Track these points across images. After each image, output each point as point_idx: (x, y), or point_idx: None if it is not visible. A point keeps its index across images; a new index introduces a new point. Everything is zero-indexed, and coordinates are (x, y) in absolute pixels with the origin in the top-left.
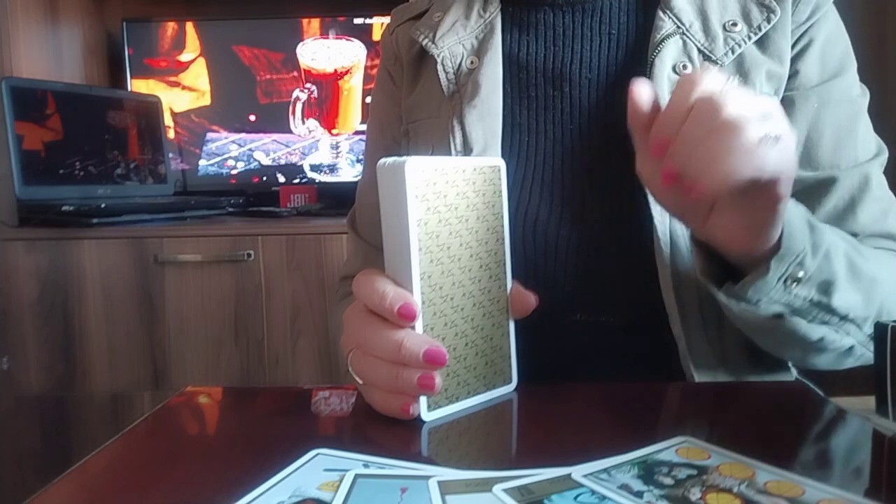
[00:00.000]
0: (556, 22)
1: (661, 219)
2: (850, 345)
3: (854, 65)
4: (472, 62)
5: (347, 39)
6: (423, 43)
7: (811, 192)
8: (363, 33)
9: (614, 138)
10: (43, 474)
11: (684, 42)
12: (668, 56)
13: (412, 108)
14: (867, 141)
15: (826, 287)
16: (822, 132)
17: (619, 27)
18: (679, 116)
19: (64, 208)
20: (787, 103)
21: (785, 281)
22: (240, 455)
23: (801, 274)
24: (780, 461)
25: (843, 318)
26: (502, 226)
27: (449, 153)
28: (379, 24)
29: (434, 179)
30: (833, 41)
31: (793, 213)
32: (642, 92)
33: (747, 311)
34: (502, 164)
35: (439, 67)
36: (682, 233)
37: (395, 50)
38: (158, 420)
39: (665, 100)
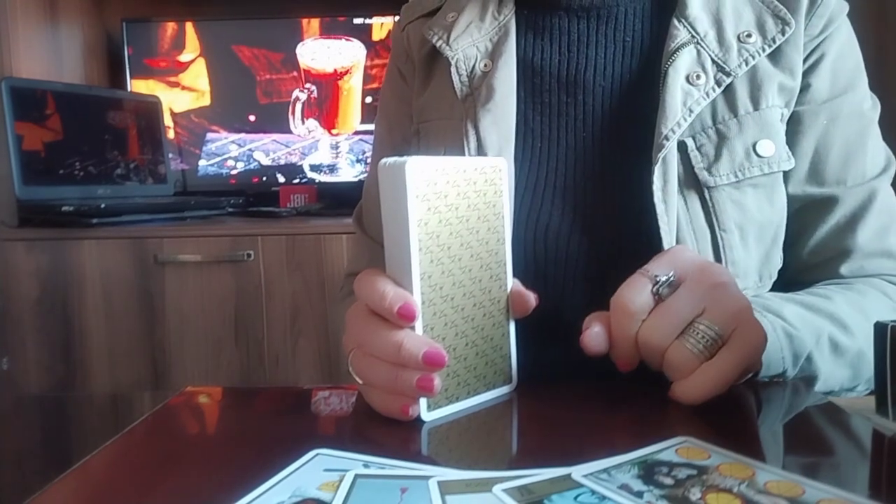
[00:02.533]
0: (571, 28)
1: (669, 229)
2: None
3: (865, 78)
4: (485, 65)
5: (347, 39)
6: (437, 44)
7: (815, 209)
8: (363, 33)
9: (626, 146)
10: (43, 474)
11: (698, 52)
12: (682, 65)
13: (423, 108)
14: (876, 155)
15: (810, 380)
16: (830, 148)
17: (633, 35)
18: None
19: (64, 208)
20: (797, 118)
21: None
22: (240, 455)
23: (782, 379)
24: (780, 461)
25: (830, 392)
26: (503, 226)
27: (462, 155)
28: (379, 24)
29: (435, 179)
30: (845, 56)
31: (770, 336)
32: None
33: None
34: (503, 163)
35: (453, 70)
36: (691, 243)
37: (405, 47)
38: (158, 420)
39: (675, 104)
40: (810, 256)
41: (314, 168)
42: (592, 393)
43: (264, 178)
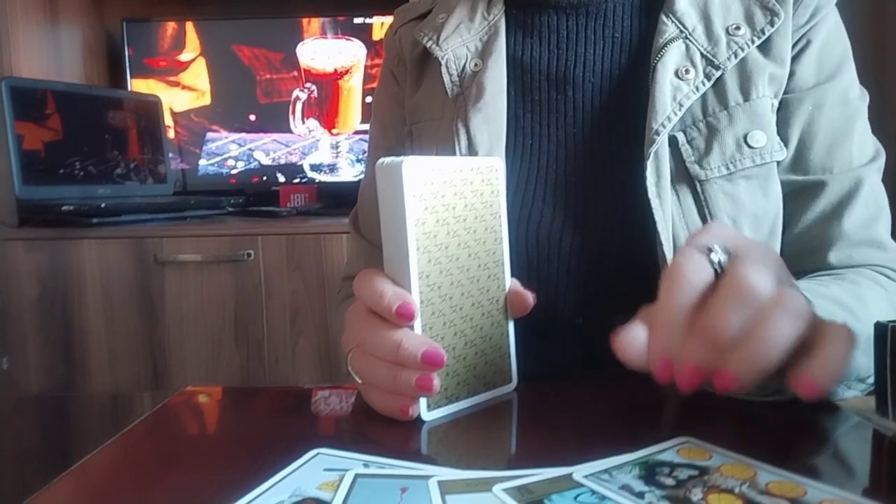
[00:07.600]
0: (560, 25)
1: (665, 223)
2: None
3: (853, 67)
4: (476, 65)
5: (347, 39)
6: (427, 45)
7: (800, 195)
8: (363, 33)
9: (617, 142)
10: (43, 474)
11: (687, 46)
12: (671, 60)
13: (415, 109)
14: (864, 144)
15: None
16: (815, 135)
17: (622, 31)
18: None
19: (64, 208)
20: (783, 106)
21: None
22: (240, 455)
23: None
24: (781, 461)
25: (847, 380)
26: (500, 225)
27: (453, 155)
28: (379, 23)
29: (431, 179)
30: (831, 43)
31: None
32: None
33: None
34: (500, 163)
35: (443, 69)
36: (685, 237)
37: (398, 50)
38: (158, 420)
39: (664, 99)
40: (798, 244)
41: (314, 168)
42: (593, 393)
43: (264, 178)
